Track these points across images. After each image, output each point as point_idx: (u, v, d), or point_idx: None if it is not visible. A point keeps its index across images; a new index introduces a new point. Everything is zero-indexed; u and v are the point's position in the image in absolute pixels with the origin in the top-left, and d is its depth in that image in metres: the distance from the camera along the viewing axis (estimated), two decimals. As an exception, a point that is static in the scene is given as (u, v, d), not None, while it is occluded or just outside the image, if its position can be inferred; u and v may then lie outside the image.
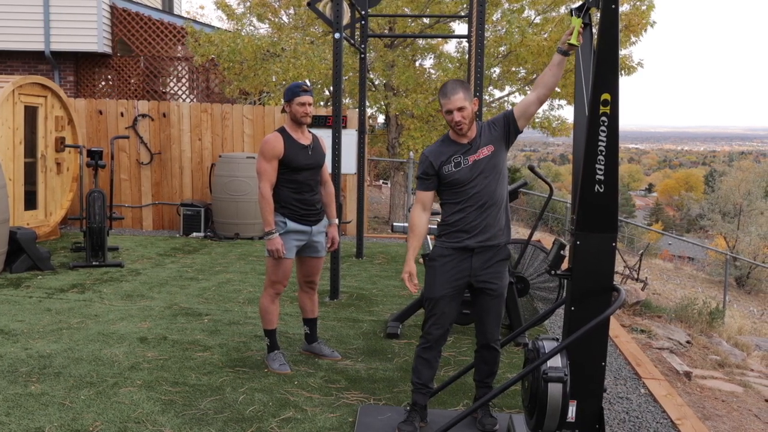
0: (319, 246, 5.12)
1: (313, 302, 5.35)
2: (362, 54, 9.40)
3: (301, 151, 4.91)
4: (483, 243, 3.95)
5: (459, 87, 3.90)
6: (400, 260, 9.79)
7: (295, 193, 4.92)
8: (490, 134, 3.97)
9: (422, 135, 14.49)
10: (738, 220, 29.76)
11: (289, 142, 4.87)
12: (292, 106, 4.88)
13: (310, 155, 4.95)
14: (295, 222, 4.92)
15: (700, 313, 9.36)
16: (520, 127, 3.96)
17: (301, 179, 4.92)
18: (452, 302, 4.04)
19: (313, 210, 5.02)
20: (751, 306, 20.40)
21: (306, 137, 4.99)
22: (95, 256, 8.61)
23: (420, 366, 4.14)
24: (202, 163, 11.98)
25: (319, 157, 5.05)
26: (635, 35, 13.86)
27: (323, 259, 5.26)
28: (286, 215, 4.91)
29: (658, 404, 4.99)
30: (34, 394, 4.49)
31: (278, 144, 4.84)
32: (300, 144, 4.92)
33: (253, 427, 4.12)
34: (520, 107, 3.94)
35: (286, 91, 4.92)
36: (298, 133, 4.95)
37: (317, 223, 5.06)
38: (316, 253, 5.14)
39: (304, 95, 4.84)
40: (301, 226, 4.94)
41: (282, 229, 4.90)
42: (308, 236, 5.01)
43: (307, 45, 13.38)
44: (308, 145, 4.96)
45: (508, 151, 4.05)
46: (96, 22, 13.66)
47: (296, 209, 4.92)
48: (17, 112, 9.63)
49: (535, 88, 3.91)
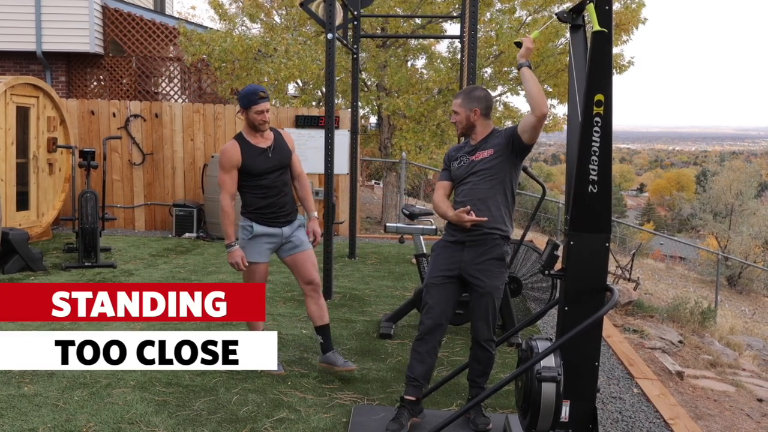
0: (297, 241, 4.89)
1: (320, 307, 5.01)
2: (355, 54, 9.40)
3: (259, 157, 4.73)
4: (472, 237, 4.07)
5: (462, 95, 4.17)
6: (393, 261, 9.80)
7: (261, 198, 4.76)
8: (497, 140, 4.09)
9: (414, 135, 14.47)
10: (729, 220, 29.84)
11: (246, 148, 4.71)
12: (250, 114, 4.69)
13: (270, 158, 4.77)
14: (263, 225, 4.77)
15: (692, 312, 9.39)
16: (526, 140, 3.98)
17: (265, 183, 4.76)
18: (443, 292, 4.12)
19: (282, 212, 4.82)
20: (742, 306, 20.47)
21: (266, 139, 4.81)
22: (87, 257, 8.58)
23: (413, 360, 4.19)
24: (194, 164, 11.95)
25: (283, 157, 4.86)
26: (626, 34, 13.89)
27: (312, 253, 4.98)
28: (253, 219, 4.77)
29: (651, 404, 5.01)
30: (28, 395, 4.48)
31: (235, 154, 4.67)
32: (258, 149, 4.75)
33: (247, 428, 4.11)
34: (521, 123, 4.01)
35: (242, 97, 4.72)
36: (257, 138, 4.78)
37: (288, 224, 4.86)
38: (298, 249, 4.90)
39: (261, 102, 4.66)
40: (269, 229, 4.79)
41: (249, 233, 4.77)
42: (280, 238, 4.84)
43: (299, 45, 13.37)
44: (268, 148, 4.78)
45: (519, 160, 4.12)
46: (88, 22, 13.62)
47: (263, 213, 4.77)
48: (9, 113, 9.59)
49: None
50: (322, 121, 11.48)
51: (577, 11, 3.76)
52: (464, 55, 8.31)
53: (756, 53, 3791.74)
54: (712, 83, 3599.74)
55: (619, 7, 13.65)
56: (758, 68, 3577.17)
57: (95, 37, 13.87)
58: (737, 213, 29.97)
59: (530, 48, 3.88)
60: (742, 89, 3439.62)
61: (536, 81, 3.84)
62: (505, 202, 4.10)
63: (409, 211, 6.56)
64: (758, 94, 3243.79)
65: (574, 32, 3.79)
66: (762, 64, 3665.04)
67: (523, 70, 3.86)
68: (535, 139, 3.98)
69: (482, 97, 4.13)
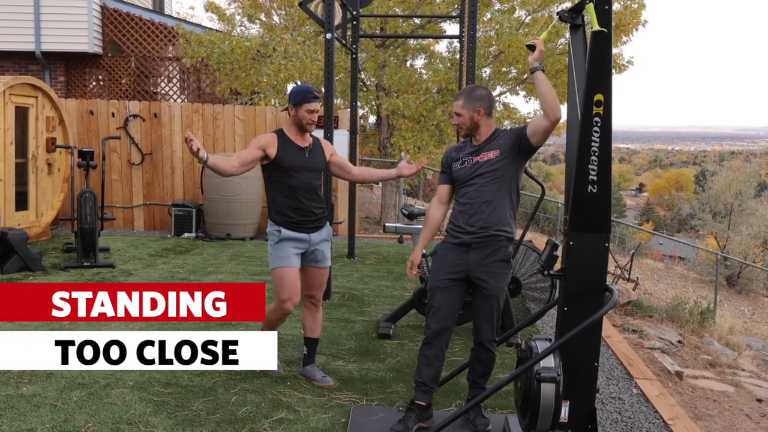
0: (320, 256, 4.78)
1: (315, 320, 4.93)
2: (354, 54, 9.39)
3: (295, 152, 4.62)
4: (478, 239, 4.02)
5: (463, 95, 4.10)
6: (392, 261, 9.80)
7: (289, 199, 4.61)
8: (502, 141, 4.03)
9: (413, 135, 14.47)
10: (728, 220, 29.82)
11: (283, 142, 4.61)
12: (299, 110, 4.57)
13: (306, 157, 4.64)
14: (291, 230, 4.62)
15: (692, 312, 9.38)
16: (534, 143, 3.93)
17: (295, 184, 4.60)
18: (448, 295, 4.07)
19: (311, 217, 4.67)
20: (741, 306, 20.47)
21: (305, 140, 4.70)
22: (86, 257, 8.57)
23: (420, 364, 4.15)
24: (193, 164, 11.94)
25: (317, 160, 4.73)
26: (626, 35, 13.90)
27: (326, 272, 4.91)
28: (281, 223, 4.63)
29: (650, 404, 5.01)
30: (26, 395, 4.48)
31: (271, 140, 4.58)
32: (296, 145, 4.64)
33: (246, 428, 4.11)
34: (532, 125, 3.94)
35: (295, 93, 4.60)
36: (297, 136, 4.66)
37: (317, 230, 4.73)
38: (317, 263, 4.79)
39: (314, 102, 4.55)
40: (297, 234, 4.63)
41: (277, 237, 4.64)
42: (308, 244, 4.68)
43: (299, 45, 13.36)
44: (306, 147, 4.67)
45: (524, 161, 4.08)
46: (87, 22, 13.61)
47: (290, 217, 4.61)
48: (8, 113, 9.58)
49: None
50: (321, 121, 11.45)
51: (576, 11, 3.76)
52: (463, 55, 8.30)
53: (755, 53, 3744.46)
54: (711, 83, 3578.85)
55: (619, 8, 13.65)
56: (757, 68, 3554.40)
57: (94, 37, 13.87)
58: (736, 213, 29.95)
59: (542, 51, 3.79)
60: (741, 89, 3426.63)
61: (550, 85, 3.78)
62: (511, 204, 4.06)
63: (408, 211, 6.55)
64: (757, 94, 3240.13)
65: (574, 32, 3.79)
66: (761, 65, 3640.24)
67: (536, 74, 3.77)
68: (544, 142, 3.96)
69: (485, 96, 4.07)
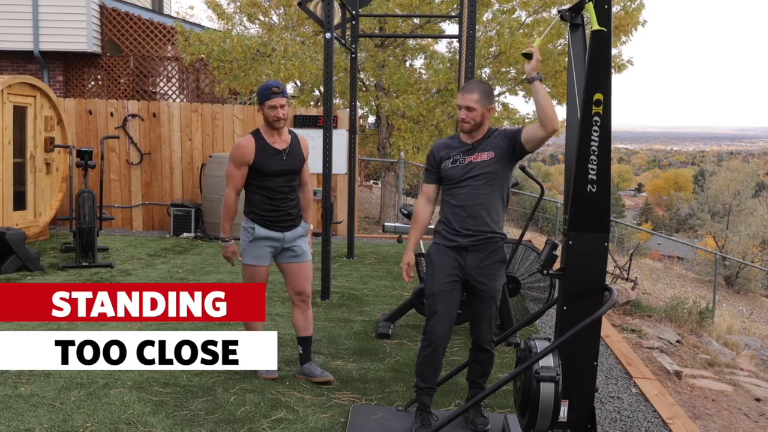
0: (299, 251, 4.79)
1: (306, 318, 4.90)
2: (353, 54, 9.39)
3: (273, 157, 4.62)
4: (475, 242, 3.97)
5: (477, 89, 3.95)
6: (391, 260, 9.80)
7: (266, 199, 4.64)
8: (496, 142, 3.96)
9: (413, 135, 14.47)
10: (727, 220, 29.87)
11: (261, 146, 4.61)
12: (264, 109, 4.59)
13: (283, 161, 4.65)
14: (265, 228, 4.66)
15: (690, 312, 9.39)
16: (528, 149, 3.89)
17: (272, 186, 4.63)
18: (448, 298, 4.04)
19: (286, 217, 4.70)
20: (740, 305, 20.49)
21: (282, 140, 4.70)
22: (85, 257, 8.57)
23: (422, 368, 4.11)
24: (192, 164, 11.94)
25: (295, 163, 4.74)
26: (625, 35, 13.91)
27: (310, 265, 4.89)
28: (256, 221, 4.66)
29: (649, 403, 5.01)
30: (24, 395, 4.47)
31: (248, 150, 4.57)
32: (273, 149, 4.64)
33: (245, 428, 4.11)
34: (527, 133, 3.86)
35: (258, 93, 4.65)
36: (274, 137, 4.67)
37: (291, 229, 4.74)
38: (297, 258, 4.79)
39: (274, 98, 4.56)
40: (271, 233, 4.67)
41: (251, 235, 4.67)
42: (281, 242, 4.72)
43: (298, 45, 13.35)
44: (283, 150, 4.67)
45: (514, 164, 4.03)
46: (85, 21, 13.59)
47: (266, 216, 4.65)
48: (6, 112, 9.57)
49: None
50: (320, 120, 11.46)
51: (576, 10, 3.75)
52: (462, 55, 8.30)
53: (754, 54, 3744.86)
54: (710, 84, 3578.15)
55: (619, 9, 13.67)
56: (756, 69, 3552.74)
57: (93, 36, 13.85)
58: (735, 213, 29.99)
59: (539, 60, 3.71)
60: (739, 90, 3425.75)
61: (548, 96, 3.72)
62: (502, 206, 4.04)
63: (408, 211, 6.55)
64: (756, 95, 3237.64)
65: (574, 31, 3.78)
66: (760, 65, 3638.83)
67: (534, 84, 3.68)
68: (537, 149, 3.95)
69: (492, 94, 4.05)
